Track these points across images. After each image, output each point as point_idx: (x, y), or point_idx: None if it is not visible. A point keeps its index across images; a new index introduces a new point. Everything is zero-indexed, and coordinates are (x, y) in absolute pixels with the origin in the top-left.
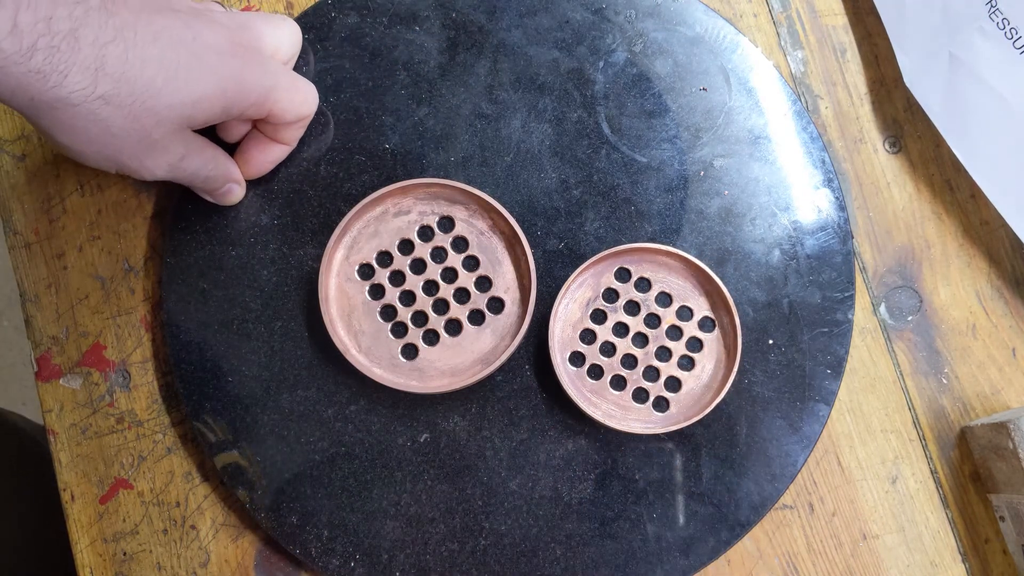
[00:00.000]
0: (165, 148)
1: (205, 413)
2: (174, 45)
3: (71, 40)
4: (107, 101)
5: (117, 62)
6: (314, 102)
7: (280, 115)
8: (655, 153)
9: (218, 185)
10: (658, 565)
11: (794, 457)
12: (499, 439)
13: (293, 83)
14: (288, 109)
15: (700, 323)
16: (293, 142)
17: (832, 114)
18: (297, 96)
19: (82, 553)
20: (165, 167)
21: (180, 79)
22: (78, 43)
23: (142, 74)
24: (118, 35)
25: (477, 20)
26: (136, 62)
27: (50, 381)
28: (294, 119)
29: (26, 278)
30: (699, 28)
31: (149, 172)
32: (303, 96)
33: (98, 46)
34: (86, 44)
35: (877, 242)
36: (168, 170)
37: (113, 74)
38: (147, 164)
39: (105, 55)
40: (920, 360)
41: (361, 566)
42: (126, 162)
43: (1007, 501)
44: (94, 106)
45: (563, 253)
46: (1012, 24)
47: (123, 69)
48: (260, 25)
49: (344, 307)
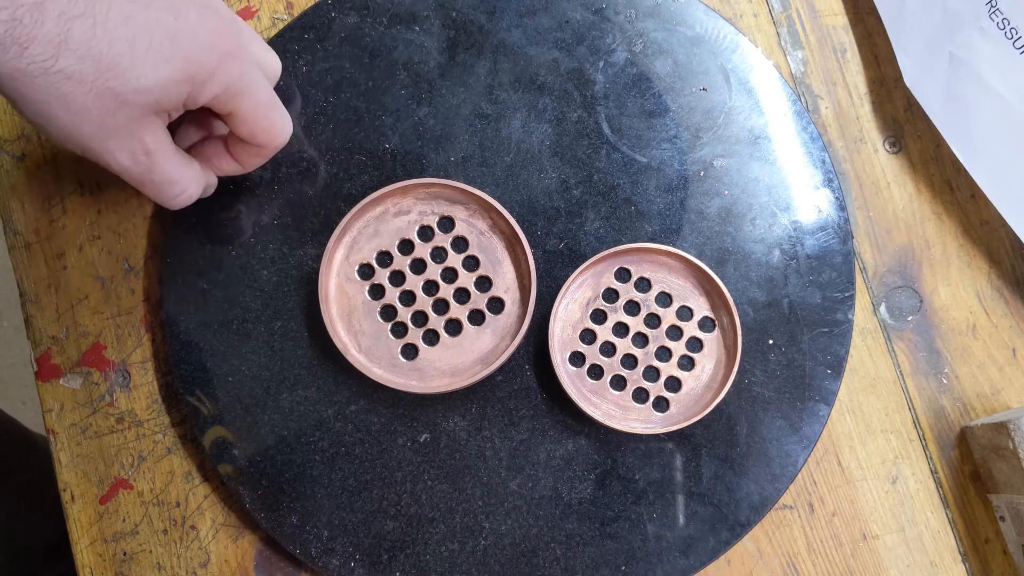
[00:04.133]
0: (129, 134)
1: (204, 414)
2: (149, 26)
3: (35, 12)
4: (68, 76)
5: (82, 37)
6: (280, 133)
7: (239, 125)
8: (655, 153)
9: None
10: (658, 565)
11: (794, 457)
12: (499, 439)
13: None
14: (248, 123)
15: (700, 323)
16: (247, 168)
17: (832, 114)
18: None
19: (82, 553)
20: (128, 158)
21: (148, 62)
22: (43, 15)
23: (108, 52)
24: (88, 10)
25: (477, 20)
26: (103, 39)
27: (50, 381)
28: (248, 137)
29: (26, 278)
30: (699, 28)
31: (113, 158)
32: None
33: (64, 20)
34: (51, 17)
35: (877, 242)
36: (131, 161)
37: (77, 50)
38: (110, 147)
39: (70, 29)
40: (920, 360)
41: (361, 566)
42: (89, 143)
43: (1007, 501)
44: (54, 79)
45: (563, 253)
46: (1012, 24)
47: (88, 45)
48: (254, 36)
49: (344, 307)
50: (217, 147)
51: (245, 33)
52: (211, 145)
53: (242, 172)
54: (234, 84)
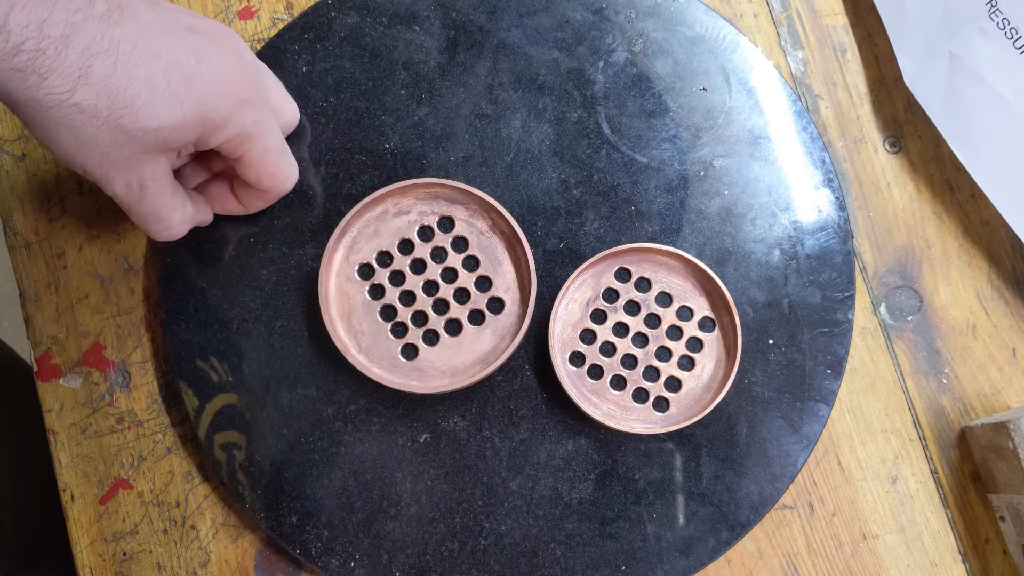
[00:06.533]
0: (130, 167)
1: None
2: (169, 68)
3: (60, 45)
4: (82, 110)
5: (103, 74)
6: (285, 180)
7: (246, 169)
8: (655, 153)
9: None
10: (658, 565)
11: (794, 457)
12: (499, 439)
13: (279, 150)
14: (256, 168)
15: (700, 323)
16: (250, 210)
17: (832, 114)
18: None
19: (82, 553)
20: (123, 188)
21: (163, 103)
22: (67, 49)
23: (126, 90)
24: (112, 48)
25: (477, 20)
26: (123, 77)
27: (50, 381)
28: (254, 182)
29: (26, 278)
30: (699, 28)
31: (109, 185)
32: (277, 167)
33: (87, 55)
34: (75, 51)
35: (877, 242)
36: (124, 191)
37: (95, 85)
38: (110, 175)
39: (92, 65)
40: (920, 360)
41: (361, 566)
42: (91, 169)
43: (1007, 501)
44: (68, 111)
45: (563, 253)
46: (1012, 24)
47: (107, 82)
48: (273, 83)
49: (344, 307)
50: (222, 188)
51: (265, 79)
52: (216, 185)
53: (244, 213)
54: (246, 130)
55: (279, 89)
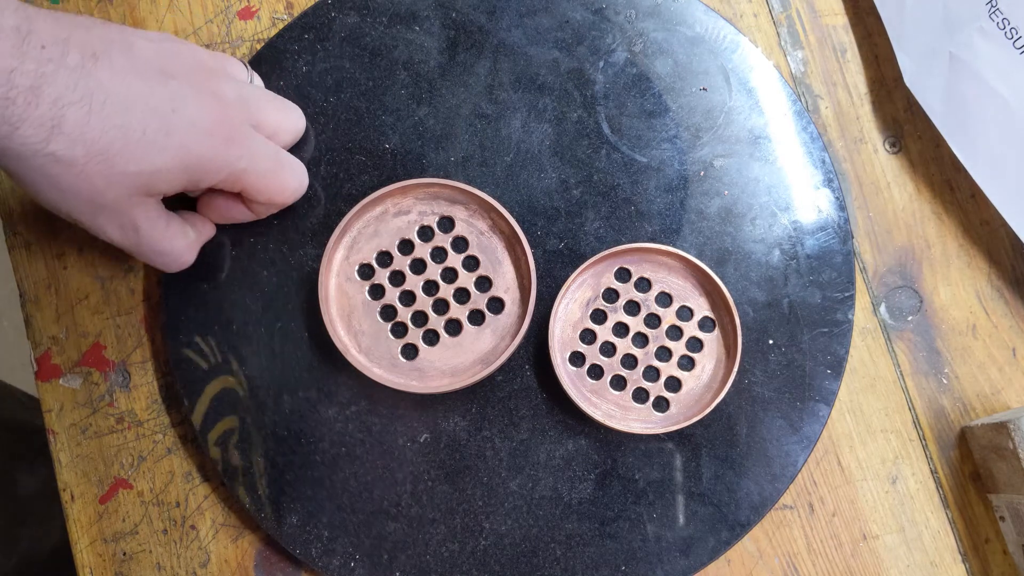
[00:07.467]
0: (118, 212)
1: (204, 414)
2: (145, 115)
3: (30, 95)
4: (58, 159)
5: (76, 124)
6: (294, 192)
7: (253, 195)
8: (655, 153)
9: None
10: (658, 565)
11: (794, 457)
12: (499, 439)
13: (275, 169)
14: (261, 192)
15: (700, 323)
16: (261, 215)
17: (832, 114)
18: (273, 183)
19: (82, 553)
20: (117, 232)
21: (139, 150)
22: (37, 99)
23: (100, 139)
24: (85, 98)
25: (477, 20)
26: (97, 127)
27: (50, 381)
28: (265, 202)
29: (26, 278)
30: (699, 28)
31: (102, 231)
32: (281, 184)
33: (59, 106)
34: (46, 102)
35: (877, 242)
36: (120, 235)
37: (70, 134)
38: (99, 222)
39: (64, 115)
40: (920, 360)
41: (361, 566)
42: (78, 217)
43: (1007, 501)
44: (43, 161)
45: (563, 253)
46: (1012, 24)
47: (81, 131)
48: (265, 104)
49: (344, 307)
50: (228, 199)
51: (252, 107)
52: (222, 197)
53: (255, 219)
54: (236, 168)
55: (274, 106)
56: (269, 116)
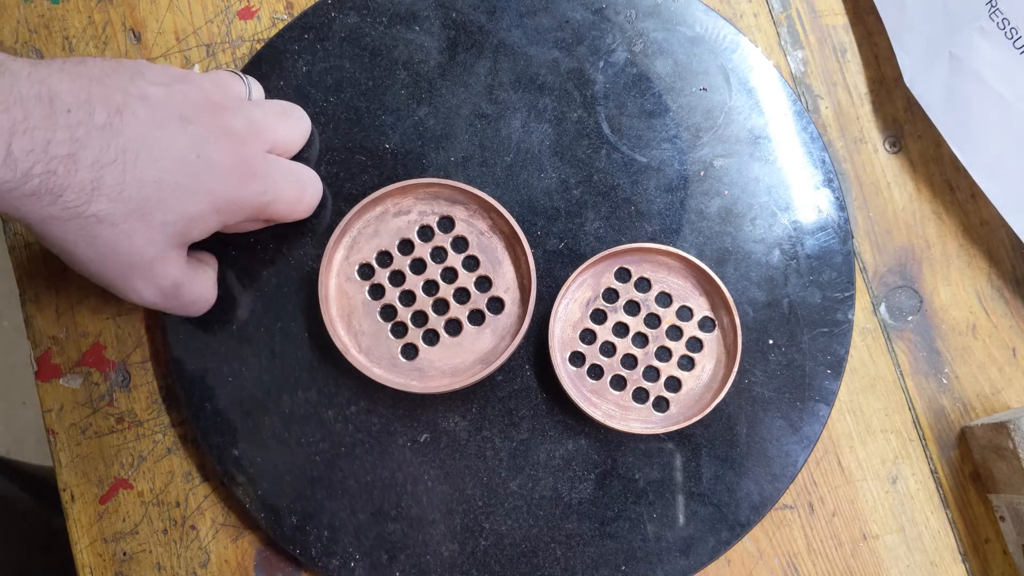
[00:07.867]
0: (154, 272)
1: (205, 415)
2: (174, 165)
3: (69, 163)
4: (100, 219)
5: (114, 183)
6: (314, 201)
7: (278, 220)
8: (655, 153)
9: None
10: (658, 565)
11: (794, 457)
12: (499, 439)
13: (299, 194)
14: (286, 216)
15: (700, 323)
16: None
17: (832, 114)
18: (299, 207)
19: (82, 553)
20: (153, 292)
21: (174, 199)
22: (76, 165)
23: (137, 194)
24: (119, 156)
25: (477, 20)
26: (133, 183)
27: (50, 381)
28: (292, 220)
29: (26, 278)
30: (699, 28)
31: (139, 296)
32: (306, 206)
33: (97, 168)
34: (84, 166)
35: (877, 242)
36: (159, 296)
37: (109, 194)
38: (136, 287)
39: (103, 176)
40: (920, 360)
41: (361, 566)
42: (112, 281)
43: (1007, 501)
44: (85, 223)
45: (563, 253)
46: (1012, 24)
47: (120, 190)
48: (273, 122)
49: (344, 307)
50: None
51: (262, 133)
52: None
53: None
54: (260, 202)
55: (281, 122)
56: (279, 134)
